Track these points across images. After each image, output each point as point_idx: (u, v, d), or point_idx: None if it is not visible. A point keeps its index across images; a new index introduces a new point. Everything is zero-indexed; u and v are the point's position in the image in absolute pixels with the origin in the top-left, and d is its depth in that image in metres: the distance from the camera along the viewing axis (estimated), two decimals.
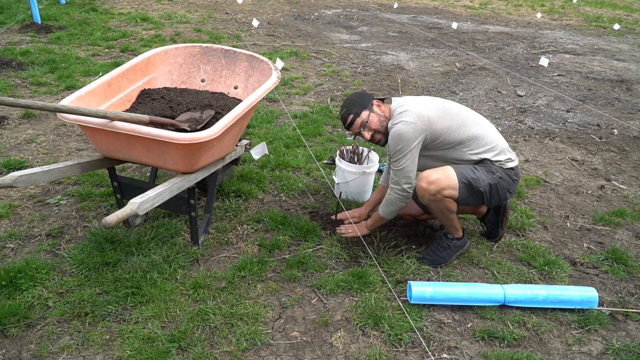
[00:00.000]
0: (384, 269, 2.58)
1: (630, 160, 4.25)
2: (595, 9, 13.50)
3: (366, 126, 2.58)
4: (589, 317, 2.36)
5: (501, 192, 2.55)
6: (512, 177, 2.58)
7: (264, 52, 6.77)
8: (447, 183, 2.44)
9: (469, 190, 2.47)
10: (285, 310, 2.31)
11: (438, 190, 2.44)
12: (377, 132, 2.59)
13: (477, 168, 2.53)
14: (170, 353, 2.01)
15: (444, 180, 2.44)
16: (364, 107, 2.58)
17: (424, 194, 2.47)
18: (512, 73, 6.65)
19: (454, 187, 2.45)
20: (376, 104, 2.62)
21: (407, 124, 2.45)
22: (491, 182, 2.50)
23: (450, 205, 2.50)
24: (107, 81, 2.67)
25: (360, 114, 2.58)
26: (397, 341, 2.16)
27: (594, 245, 3.00)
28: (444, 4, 12.84)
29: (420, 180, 2.47)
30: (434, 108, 2.53)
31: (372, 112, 2.59)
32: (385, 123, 2.59)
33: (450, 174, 2.46)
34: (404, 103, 2.58)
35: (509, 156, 2.59)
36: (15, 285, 2.30)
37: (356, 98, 2.63)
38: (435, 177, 2.45)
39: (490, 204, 2.60)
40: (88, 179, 3.29)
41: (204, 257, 2.63)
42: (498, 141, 2.59)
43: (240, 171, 3.45)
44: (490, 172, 2.52)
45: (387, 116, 2.60)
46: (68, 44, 6.47)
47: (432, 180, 2.44)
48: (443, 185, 2.43)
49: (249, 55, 3.08)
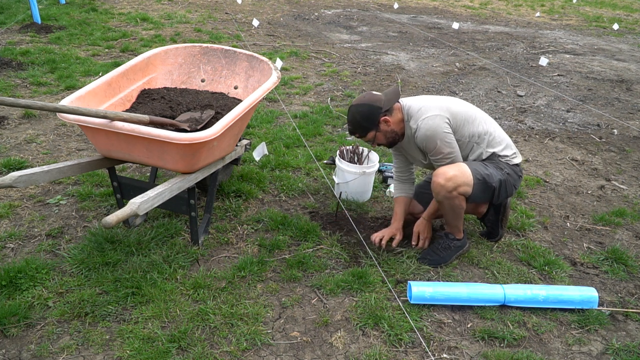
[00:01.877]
0: (384, 269, 2.58)
1: (630, 160, 4.25)
2: (595, 9, 13.50)
3: (373, 142, 2.59)
4: (589, 317, 2.36)
5: (509, 188, 2.59)
6: (517, 173, 2.61)
7: (264, 52, 6.77)
8: (463, 180, 2.43)
9: (483, 186, 2.49)
10: (285, 310, 2.31)
11: (455, 187, 2.42)
12: (383, 144, 2.62)
13: (487, 164, 2.55)
14: (170, 353, 2.01)
15: (461, 177, 2.43)
16: (369, 129, 2.53)
17: (440, 190, 2.44)
18: (512, 73, 6.65)
19: (469, 183, 2.45)
20: (383, 120, 2.51)
21: (432, 117, 2.44)
22: (501, 178, 2.54)
23: (462, 202, 2.50)
24: (107, 81, 2.67)
25: (367, 135, 2.56)
26: (397, 341, 2.16)
27: (594, 245, 3.00)
28: (444, 4, 12.84)
29: (437, 176, 2.44)
30: (448, 101, 2.55)
31: (379, 132, 2.55)
32: (392, 138, 2.57)
33: (466, 170, 2.46)
34: (417, 102, 2.55)
35: (514, 151, 2.64)
36: (15, 285, 2.30)
37: (361, 118, 2.51)
38: (453, 173, 2.42)
39: (498, 199, 2.61)
40: (88, 179, 3.29)
41: (204, 257, 2.63)
42: (503, 136, 2.63)
43: (240, 171, 3.45)
44: (499, 169, 2.55)
45: (397, 123, 2.56)
46: (68, 44, 6.47)
47: (450, 177, 2.41)
48: (459, 182, 2.42)
49: (249, 55, 3.08)
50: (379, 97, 2.53)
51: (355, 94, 5.41)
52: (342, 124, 4.55)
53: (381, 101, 2.51)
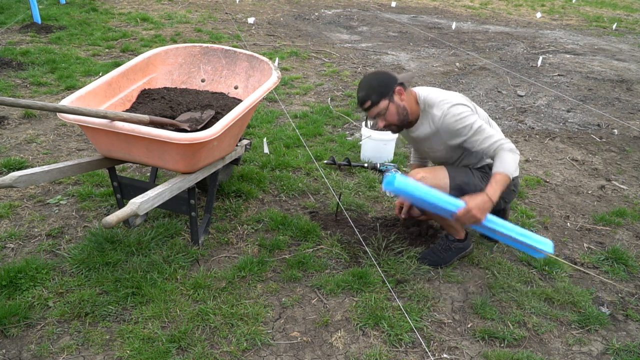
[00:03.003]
0: (383, 269, 2.58)
1: (631, 160, 4.25)
2: (595, 9, 13.50)
3: (383, 116, 2.41)
4: (589, 317, 2.36)
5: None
6: (509, 187, 2.47)
7: (264, 52, 6.77)
8: (434, 182, 2.43)
9: (460, 193, 2.41)
10: (285, 310, 2.31)
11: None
12: (392, 124, 2.47)
13: (474, 173, 2.52)
14: (170, 353, 2.01)
15: (431, 179, 2.44)
16: (383, 95, 2.36)
17: None
18: (512, 73, 6.65)
19: (442, 186, 2.44)
20: (398, 91, 2.39)
21: (454, 104, 2.38)
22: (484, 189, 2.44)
23: None
24: (108, 81, 2.67)
25: (379, 103, 2.37)
26: (397, 341, 2.16)
27: (594, 245, 3.00)
28: (444, 4, 12.83)
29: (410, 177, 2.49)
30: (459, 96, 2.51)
31: (392, 103, 2.39)
32: (403, 116, 2.43)
33: (439, 173, 2.48)
34: (434, 92, 2.48)
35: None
36: (15, 285, 2.30)
37: (377, 83, 2.38)
38: (422, 175, 2.45)
39: None
40: (88, 179, 3.29)
41: (204, 257, 2.63)
42: None
43: (240, 171, 3.45)
44: (486, 179, 2.44)
45: (409, 106, 2.44)
46: (68, 44, 6.47)
47: (419, 179, 2.42)
48: (430, 183, 2.41)
49: (249, 55, 3.08)
50: (395, 73, 2.47)
51: (355, 93, 5.40)
52: (342, 124, 4.56)
53: (397, 75, 2.44)
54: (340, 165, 3.68)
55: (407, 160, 3.91)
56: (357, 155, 3.90)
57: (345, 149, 3.97)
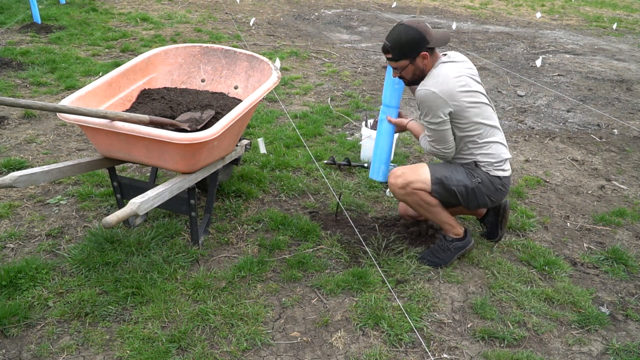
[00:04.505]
0: (383, 269, 2.58)
1: (631, 160, 4.25)
2: (595, 9, 13.50)
3: (399, 70, 2.47)
4: (589, 317, 2.37)
5: (479, 197, 2.50)
6: (495, 185, 2.49)
7: (264, 52, 6.77)
8: (414, 177, 2.47)
9: (442, 188, 2.47)
10: (285, 310, 2.31)
11: (406, 184, 2.48)
12: (405, 79, 2.52)
13: (457, 169, 2.51)
14: (170, 353, 2.01)
15: (411, 174, 2.48)
16: (407, 56, 2.40)
17: (394, 189, 2.55)
18: (512, 73, 6.65)
19: (423, 180, 2.46)
20: (423, 55, 2.40)
21: (430, 91, 2.34)
22: (468, 184, 2.46)
23: (426, 198, 2.49)
24: (108, 81, 2.67)
25: (399, 61, 2.42)
26: (397, 341, 2.16)
27: (594, 245, 3.00)
28: (444, 4, 12.83)
29: (390, 176, 2.56)
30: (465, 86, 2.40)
31: (412, 64, 2.42)
32: (418, 76, 2.47)
33: (419, 168, 2.52)
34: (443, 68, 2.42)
35: (502, 167, 2.50)
36: (15, 285, 2.30)
37: (406, 41, 2.36)
38: (402, 171, 2.52)
39: (468, 206, 2.55)
40: (88, 179, 3.29)
41: (204, 257, 2.63)
42: (499, 149, 2.50)
43: (240, 171, 3.45)
44: (470, 175, 2.47)
45: (428, 69, 2.45)
46: (68, 44, 6.47)
47: (399, 175, 2.51)
48: (410, 178, 2.46)
49: (249, 55, 3.08)
50: (431, 32, 2.41)
51: (355, 94, 5.40)
52: (342, 124, 4.56)
53: (431, 36, 2.39)
54: (340, 165, 3.68)
55: (407, 161, 3.91)
56: (357, 155, 3.90)
57: (345, 149, 3.97)
